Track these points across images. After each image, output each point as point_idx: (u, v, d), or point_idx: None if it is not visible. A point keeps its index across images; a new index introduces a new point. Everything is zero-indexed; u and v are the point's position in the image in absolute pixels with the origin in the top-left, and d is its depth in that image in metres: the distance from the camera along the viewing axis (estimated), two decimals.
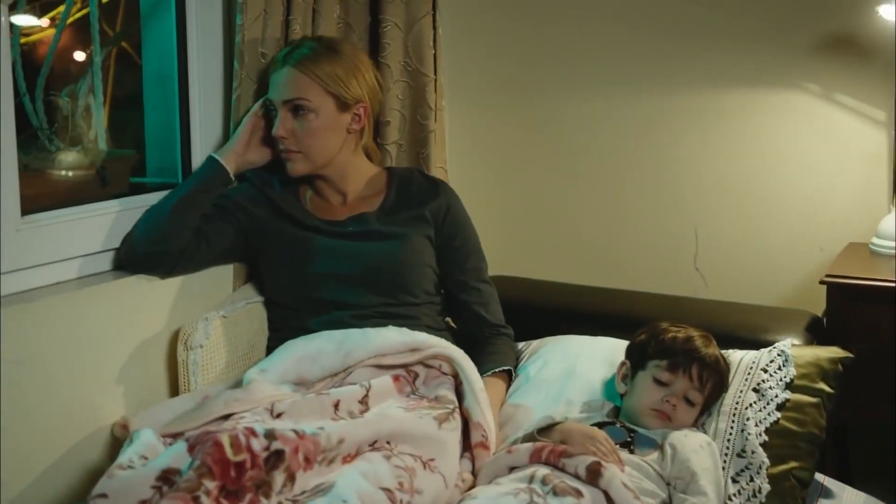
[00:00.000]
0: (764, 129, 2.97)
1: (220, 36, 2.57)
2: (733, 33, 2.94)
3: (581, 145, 3.17)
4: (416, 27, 2.67)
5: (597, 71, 3.12)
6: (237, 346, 2.39)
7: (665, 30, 3.02)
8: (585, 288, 2.83)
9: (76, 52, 2.59)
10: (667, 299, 2.74)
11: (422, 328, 2.37)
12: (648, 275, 3.07)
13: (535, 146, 3.23)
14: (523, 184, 3.26)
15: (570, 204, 3.21)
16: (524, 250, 3.15)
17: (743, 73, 2.95)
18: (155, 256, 2.32)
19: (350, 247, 2.41)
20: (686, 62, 3.01)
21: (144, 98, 2.68)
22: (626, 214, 3.15)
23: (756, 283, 2.99)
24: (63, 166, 2.52)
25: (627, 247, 3.15)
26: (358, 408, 2.12)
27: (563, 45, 3.15)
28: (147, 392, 2.31)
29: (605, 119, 3.13)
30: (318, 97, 2.37)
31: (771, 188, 2.98)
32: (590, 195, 3.19)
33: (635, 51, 3.07)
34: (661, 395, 2.19)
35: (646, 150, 3.10)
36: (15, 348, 2.04)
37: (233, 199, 2.44)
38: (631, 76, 3.08)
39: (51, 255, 2.22)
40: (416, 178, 2.54)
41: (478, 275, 2.53)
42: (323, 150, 2.41)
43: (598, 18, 3.09)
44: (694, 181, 3.06)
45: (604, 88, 3.11)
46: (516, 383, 2.44)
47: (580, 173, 3.19)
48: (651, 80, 3.06)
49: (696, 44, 2.98)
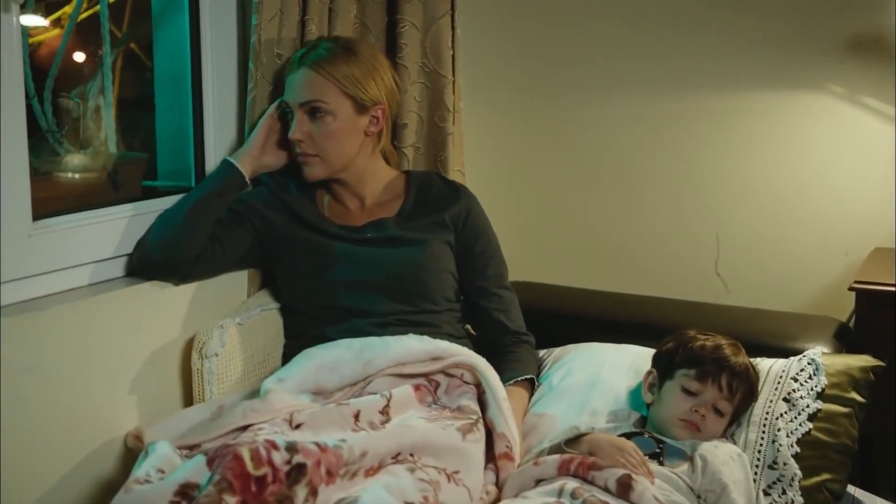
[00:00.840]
0: (787, 131, 2.92)
1: (235, 36, 2.52)
2: (757, 34, 2.89)
3: (600, 148, 3.12)
4: (435, 27, 2.61)
5: (617, 72, 3.07)
6: (253, 354, 2.33)
7: (687, 30, 2.97)
8: (606, 294, 2.77)
9: (84, 53, 2.53)
10: (690, 305, 2.68)
11: (442, 336, 2.31)
12: (668, 280, 3.02)
13: (553, 148, 3.18)
14: (541, 187, 3.21)
15: (589, 207, 3.17)
16: (542, 255, 3.10)
17: (766, 74, 2.90)
18: (169, 262, 2.26)
19: (369, 253, 2.35)
20: (708, 63, 2.96)
21: (156, 100, 2.62)
22: (646, 218, 3.10)
23: (778, 288, 2.94)
24: (73, 169, 2.46)
25: (647, 251, 3.10)
26: (379, 418, 2.07)
27: (583, 46, 3.10)
28: (160, 402, 2.26)
29: (626, 121, 3.08)
30: (335, 99, 2.32)
31: (794, 191, 2.93)
32: (609, 198, 3.14)
33: (657, 52, 3.02)
34: (690, 405, 2.14)
35: (666, 152, 3.05)
36: (26, 357, 1.99)
37: (248, 204, 2.38)
38: (652, 77, 3.03)
39: (62, 261, 2.17)
40: (435, 182, 2.49)
41: (498, 281, 2.47)
42: (340, 153, 2.35)
43: (619, 19, 3.04)
44: (715, 184, 3.01)
45: (624, 90, 3.06)
46: (539, 392, 2.39)
47: (599, 176, 3.14)
48: (672, 81, 3.01)
49: (719, 45, 2.93)
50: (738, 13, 2.91)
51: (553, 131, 3.16)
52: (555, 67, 3.13)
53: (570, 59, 3.11)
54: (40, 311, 2.05)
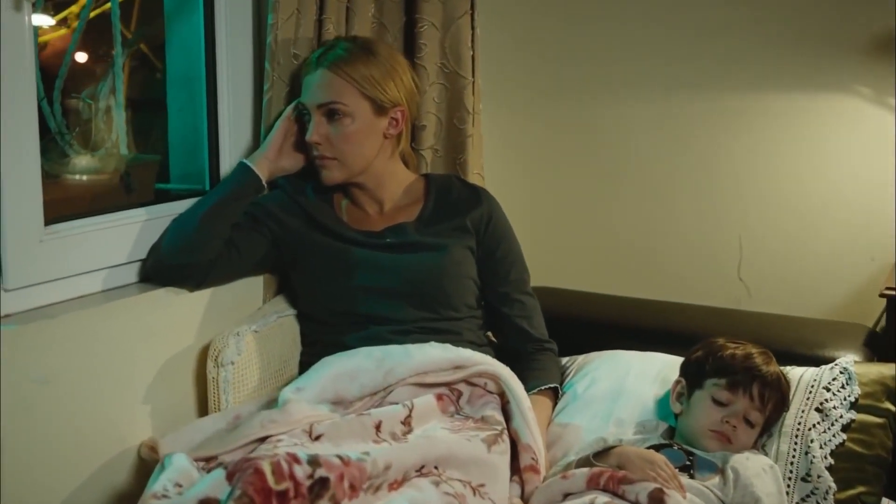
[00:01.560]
0: (812, 133, 2.84)
1: (250, 36, 2.47)
2: (780, 34, 2.82)
3: (621, 150, 3.05)
4: (454, 27, 2.55)
5: (638, 73, 3.00)
6: (269, 362, 2.28)
7: (709, 31, 2.90)
8: (628, 300, 2.72)
9: (93, 53, 2.49)
10: (715, 312, 2.62)
11: (464, 343, 2.25)
12: (689, 284, 2.96)
13: (573, 151, 3.12)
14: (561, 190, 3.14)
15: (609, 211, 3.10)
16: (560, 259, 3.03)
17: (790, 75, 2.83)
18: (184, 268, 2.21)
19: (389, 259, 2.29)
20: (731, 64, 2.89)
21: (168, 101, 2.56)
22: (667, 221, 3.03)
23: (803, 293, 2.87)
24: (84, 172, 2.41)
25: (668, 255, 3.03)
26: (400, 429, 2.01)
27: (604, 46, 3.03)
28: (175, 411, 2.21)
29: (647, 123, 3.01)
30: (353, 101, 2.26)
31: (819, 194, 2.86)
32: (629, 202, 3.07)
33: (678, 53, 2.95)
34: (721, 416, 2.08)
35: (688, 154, 2.98)
36: (37, 367, 1.93)
37: (264, 208, 2.33)
38: (674, 78, 2.96)
39: (74, 267, 2.11)
40: (456, 186, 2.43)
41: (521, 287, 2.41)
42: (359, 156, 2.30)
43: (641, 18, 2.98)
44: (738, 187, 2.94)
45: (645, 91, 2.99)
46: (563, 401, 2.33)
47: (620, 179, 3.07)
48: (695, 82, 2.94)
49: (742, 45, 2.86)
50: (763, 13, 2.84)
51: (573, 133, 3.10)
52: (575, 68, 3.06)
53: (591, 59, 3.05)
54: (51, 319, 1.99)
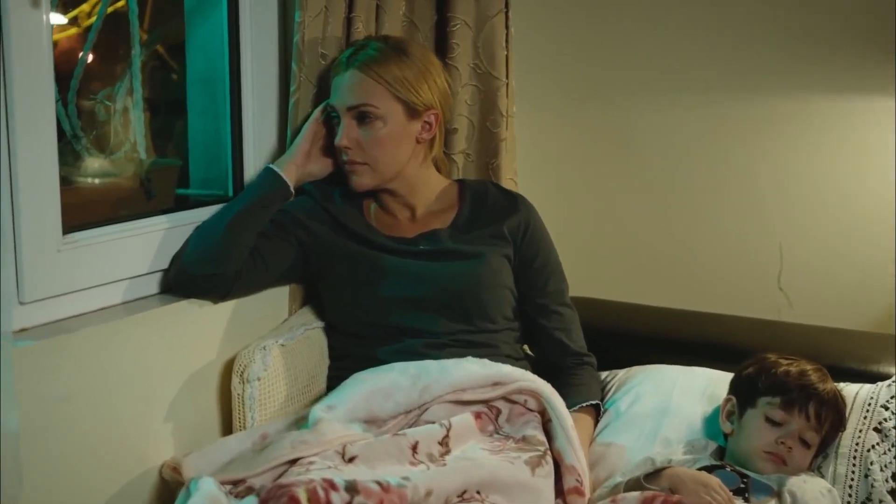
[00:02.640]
0: (853, 137, 2.76)
1: (276, 34, 2.36)
2: (823, 36, 2.73)
3: (658, 155, 2.97)
4: (488, 26, 2.45)
5: (675, 76, 2.91)
6: (297, 377, 2.18)
7: (748, 33, 2.80)
8: (666, 310, 2.60)
9: (108, 54, 2.38)
10: (759, 324, 2.51)
11: (501, 357, 2.16)
12: (727, 294, 2.87)
13: (607, 156, 3.03)
14: (595, 196, 3.06)
15: (645, 218, 3.01)
16: (594, 268, 2.92)
17: (833, 77, 2.74)
18: (209, 279, 2.10)
19: (422, 267, 2.19)
20: (770, 67, 2.80)
21: (188, 103, 2.47)
22: (704, 229, 2.94)
23: (846, 304, 2.78)
24: (101, 177, 2.31)
25: (705, 263, 2.94)
26: (438, 450, 1.91)
27: (640, 49, 2.94)
28: (198, 429, 2.12)
29: (684, 127, 2.92)
30: (385, 103, 2.16)
31: (862, 200, 2.77)
32: (665, 208, 2.98)
33: (716, 56, 2.86)
34: (776, 436, 1.99)
35: (727, 159, 2.89)
36: (55, 384, 1.84)
37: (291, 215, 2.23)
38: (711, 82, 2.87)
39: (93, 278, 2.01)
40: (492, 192, 2.33)
41: (559, 298, 2.32)
42: (390, 161, 2.19)
43: (678, 21, 2.88)
44: (778, 193, 2.85)
45: (682, 95, 2.90)
46: (605, 419, 2.24)
47: (656, 185, 2.99)
48: (733, 86, 2.85)
49: (783, 47, 2.77)
50: (802, 15, 2.75)
51: (608, 137, 3.01)
52: (610, 70, 2.97)
53: (627, 61, 2.95)
54: (70, 334, 1.89)
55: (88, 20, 2.32)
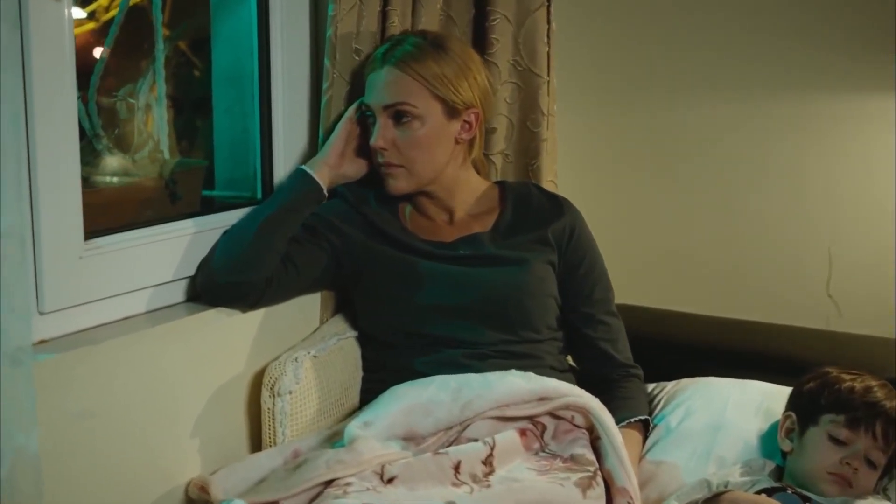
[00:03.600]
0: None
1: (308, 29, 2.26)
2: (875, 32, 2.61)
3: (701, 155, 2.85)
4: (529, 21, 2.34)
5: (720, 74, 2.78)
6: (330, 390, 2.07)
7: (797, 30, 2.68)
8: (712, 319, 2.49)
9: (129, 49, 2.27)
10: (812, 334, 2.39)
11: (545, 369, 2.06)
12: (773, 300, 2.75)
13: (649, 156, 2.91)
14: (636, 198, 2.95)
15: (687, 221, 2.89)
16: (635, 273, 2.80)
17: (884, 75, 2.61)
18: (238, 287, 2.00)
19: (462, 273, 2.08)
20: (822, 63, 2.68)
21: (214, 100, 2.36)
22: (750, 233, 2.82)
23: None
24: (123, 178, 2.20)
25: (750, 268, 2.82)
26: (481, 469, 1.82)
27: (683, 44, 2.81)
28: (226, 445, 2.01)
29: (730, 126, 2.80)
30: (423, 102, 2.05)
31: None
32: (710, 211, 2.86)
33: (762, 52, 2.73)
34: (840, 457, 1.89)
35: (774, 160, 2.77)
36: (78, 399, 1.73)
37: (324, 219, 2.12)
38: (757, 80, 2.74)
39: (117, 286, 1.90)
40: (535, 194, 2.22)
41: (605, 306, 2.21)
42: (428, 163, 2.09)
43: (725, 14, 2.76)
44: (827, 196, 2.73)
45: (728, 91, 2.78)
46: (655, 435, 2.13)
47: (699, 186, 2.87)
48: (782, 82, 2.72)
49: (835, 44, 2.65)
50: (856, 11, 2.64)
51: (649, 137, 2.89)
52: (649, 68, 2.85)
53: (667, 59, 2.83)
54: (92, 346, 1.79)
55: (107, 14, 2.23)
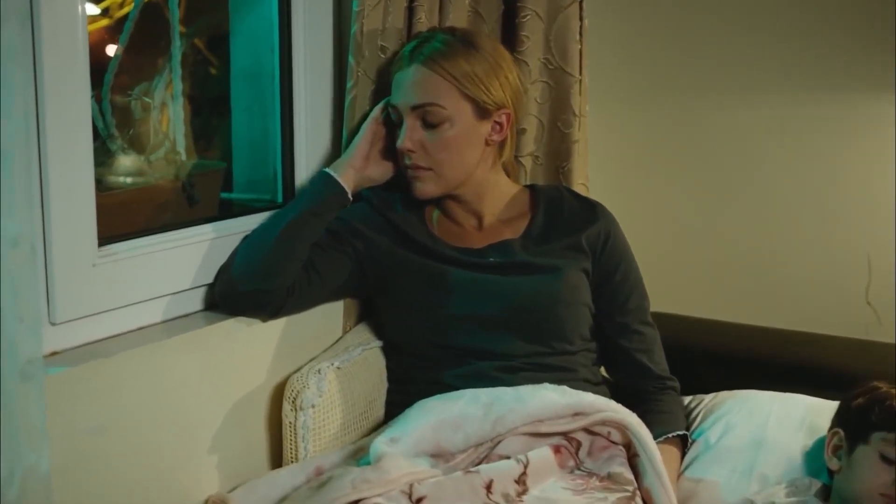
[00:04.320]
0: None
1: (331, 25, 2.17)
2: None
3: (736, 158, 2.75)
4: (561, 17, 2.25)
5: (756, 73, 2.68)
6: (354, 403, 1.99)
7: (835, 29, 2.59)
8: (749, 328, 2.39)
9: (143, 46, 2.19)
10: (854, 344, 2.29)
11: (579, 382, 1.97)
12: (810, 308, 2.65)
13: (681, 158, 2.82)
14: (668, 202, 2.86)
15: (721, 225, 2.80)
16: (668, 279, 2.70)
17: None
18: (258, 295, 1.91)
19: (492, 282, 1.99)
20: (861, 63, 2.58)
21: (232, 99, 2.29)
22: (785, 238, 2.73)
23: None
24: (138, 181, 2.12)
25: (786, 275, 2.72)
26: (515, 489, 1.73)
27: (718, 44, 2.71)
28: (245, 461, 1.93)
29: (765, 128, 2.71)
30: (453, 102, 1.97)
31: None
32: (743, 215, 2.77)
33: (800, 51, 2.64)
34: (893, 477, 1.79)
35: (811, 163, 2.68)
36: (91, 414, 1.65)
37: (349, 224, 2.03)
38: (794, 80, 2.65)
39: (132, 295, 1.82)
40: (567, 199, 2.13)
41: (641, 316, 2.12)
42: (458, 166, 2.00)
43: (764, 13, 2.67)
44: (866, 199, 2.63)
45: (763, 94, 2.69)
46: (693, 451, 2.04)
47: (733, 190, 2.78)
48: (821, 82, 2.63)
49: (873, 41, 2.55)
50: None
51: (681, 139, 2.80)
52: (684, 67, 2.75)
53: (703, 57, 2.73)
54: (107, 358, 1.70)
55: (121, 11, 2.17)
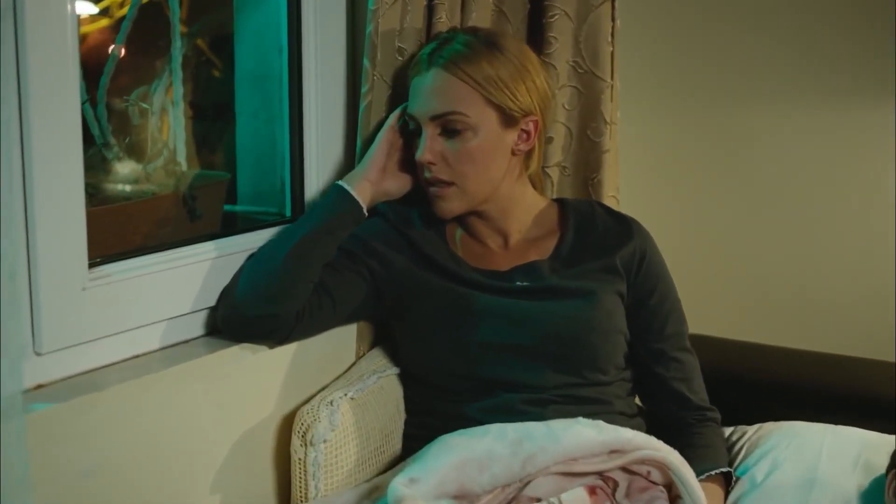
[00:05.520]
0: None
1: (344, 24, 2.04)
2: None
3: (775, 168, 2.60)
4: (592, 17, 2.10)
5: (798, 78, 2.55)
6: (369, 437, 1.83)
7: (880, 31, 2.44)
8: (791, 352, 2.23)
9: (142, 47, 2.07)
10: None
11: (614, 415, 1.82)
12: (851, 331, 2.50)
13: (717, 169, 2.67)
14: (703, 216, 2.71)
15: (761, 241, 2.65)
16: (704, 299, 2.55)
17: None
18: (265, 320, 1.76)
19: (520, 308, 1.83)
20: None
21: (237, 105, 2.15)
22: (831, 254, 2.58)
23: None
24: (135, 194, 1.96)
25: (832, 295, 2.57)
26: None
27: (757, 45, 2.57)
28: (251, 501, 1.79)
29: (807, 136, 2.56)
30: (477, 110, 1.81)
31: None
32: (786, 230, 2.62)
33: (843, 55, 2.50)
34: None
35: (855, 173, 2.54)
36: (82, 455, 1.50)
37: (364, 243, 1.88)
38: (843, 84, 2.51)
39: (127, 321, 1.67)
40: (599, 214, 1.97)
41: (679, 342, 1.96)
42: (483, 179, 1.85)
43: (805, 14, 2.53)
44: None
45: (806, 100, 2.54)
46: (738, 490, 1.87)
47: (774, 203, 2.62)
48: (869, 89, 2.48)
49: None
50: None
51: (717, 148, 2.65)
52: (722, 72, 2.60)
53: (742, 62, 2.57)
54: (99, 392, 1.55)
55: (121, 10, 2.04)
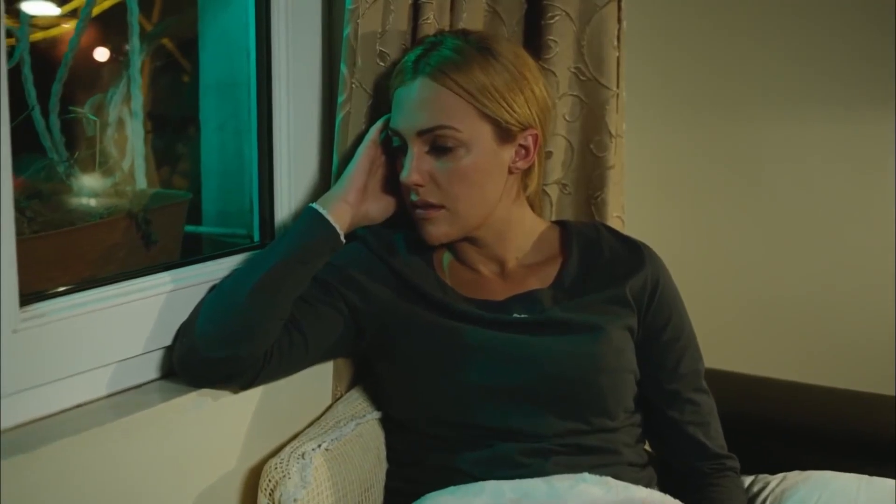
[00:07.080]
0: None
1: (319, 26, 1.86)
2: None
3: (792, 184, 2.48)
4: (596, 18, 1.93)
5: (816, 88, 2.42)
6: (346, 493, 1.62)
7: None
8: (818, 389, 2.05)
9: (103, 51, 1.88)
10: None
11: (623, 467, 1.63)
12: (878, 365, 2.36)
13: (728, 185, 2.54)
14: (713, 237, 2.57)
15: (778, 266, 2.51)
16: (718, 331, 2.37)
17: None
18: (228, 363, 1.55)
19: (518, 344, 1.62)
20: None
21: (201, 116, 1.98)
22: (855, 280, 2.44)
23: None
24: (86, 216, 1.76)
25: (857, 326, 2.44)
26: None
27: (771, 54, 2.45)
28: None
29: (824, 149, 2.43)
30: (469, 123, 1.61)
31: None
32: (805, 253, 2.48)
33: (863, 61, 2.37)
34: None
35: (878, 189, 2.40)
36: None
37: (341, 272, 1.68)
38: (858, 95, 2.38)
39: (67, 366, 1.47)
40: (606, 239, 1.78)
41: (695, 381, 1.76)
42: (477, 202, 1.66)
43: (820, 28, 2.39)
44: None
45: (824, 111, 2.42)
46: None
47: (793, 223, 2.49)
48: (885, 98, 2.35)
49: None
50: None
51: (729, 162, 2.51)
52: (735, 81, 2.46)
53: (758, 70, 2.45)
54: (34, 451, 1.34)
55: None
